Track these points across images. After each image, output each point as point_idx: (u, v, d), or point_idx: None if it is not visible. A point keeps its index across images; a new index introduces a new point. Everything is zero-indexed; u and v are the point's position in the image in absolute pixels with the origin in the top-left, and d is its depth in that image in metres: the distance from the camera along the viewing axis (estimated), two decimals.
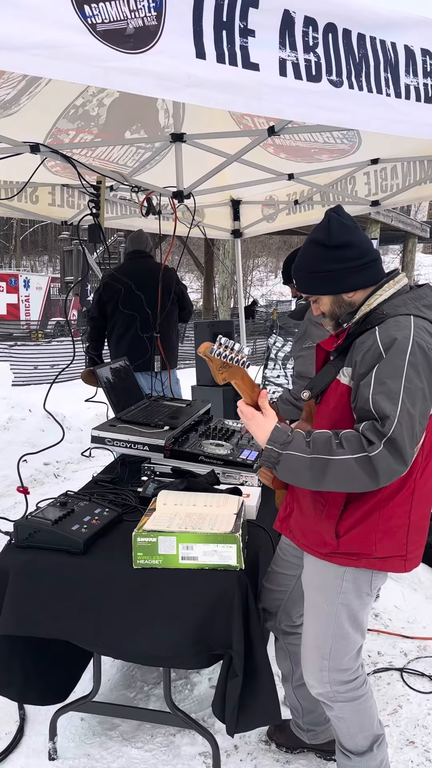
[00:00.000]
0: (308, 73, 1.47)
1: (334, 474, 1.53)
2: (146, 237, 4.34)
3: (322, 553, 1.77)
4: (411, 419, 1.52)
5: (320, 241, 1.72)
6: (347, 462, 1.51)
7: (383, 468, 1.50)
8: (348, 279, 1.71)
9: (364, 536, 1.70)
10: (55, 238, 33.54)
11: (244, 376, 1.69)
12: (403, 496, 1.70)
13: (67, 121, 3.17)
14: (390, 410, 1.51)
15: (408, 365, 1.54)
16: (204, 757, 2.18)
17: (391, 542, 1.72)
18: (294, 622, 2.07)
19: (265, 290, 36.29)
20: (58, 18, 1.23)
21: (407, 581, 3.36)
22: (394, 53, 1.61)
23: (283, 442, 1.58)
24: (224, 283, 13.07)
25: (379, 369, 1.57)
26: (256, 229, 5.38)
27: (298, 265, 1.80)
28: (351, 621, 1.78)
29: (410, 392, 1.53)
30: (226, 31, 1.37)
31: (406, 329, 1.58)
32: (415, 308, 1.64)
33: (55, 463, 5.72)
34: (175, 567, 1.87)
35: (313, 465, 1.54)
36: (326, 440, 1.55)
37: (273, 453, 1.58)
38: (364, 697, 1.86)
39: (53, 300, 23.29)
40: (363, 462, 1.50)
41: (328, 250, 1.70)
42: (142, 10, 1.28)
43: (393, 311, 1.64)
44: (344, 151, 3.68)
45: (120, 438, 2.58)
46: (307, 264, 1.76)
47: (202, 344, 1.64)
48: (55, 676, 2.15)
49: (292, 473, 1.59)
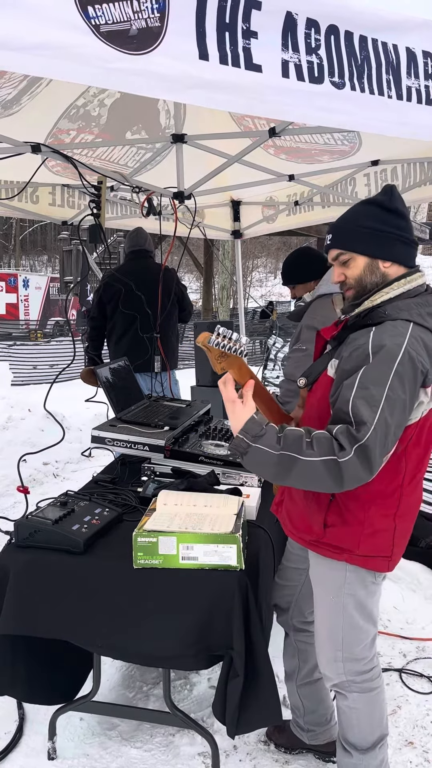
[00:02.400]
0: (310, 74, 1.47)
1: (299, 473, 1.52)
2: (145, 234, 4.34)
3: (306, 541, 1.79)
4: (387, 428, 1.51)
5: (379, 202, 1.68)
6: (314, 464, 1.50)
7: (350, 474, 1.49)
8: (394, 246, 1.67)
9: (348, 532, 1.71)
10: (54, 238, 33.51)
11: (241, 366, 1.68)
12: (390, 501, 1.71)
13: (68, 121, 3.17)
14: (368, 417, 1.49)
15: (394, 374, 1.52)
16: (203, 757, 2.18)
17: (376, 544, 1.73)
18: (306, 618, 2.07)
19: (264, 291, 36.29)
20: (61, 19, 1.23)
21: (406, 582, 3.36)
22: (395, 55, 1.61)
23: (255, 434, 1.55)
24: (224, 283, 13.08)
25: (364, 372, 1.55)
26: (256, 230, 5.39)
27: (344, 220, 1.72)
28: (359, 610, 1.79)
29: (391, 401, 1.51)
30: (229, 33, 1.37)
31: (400, 336, 1.56)
32: (418, 315, 1.61)
33: (55, 463, 5.73)
34: (176, 567, 1.87)
35: (281, 461, 1.52)
36: (297, 438, 1.53)
37: (242, 443, 1.56)
38: (378, 690, 1.87)
39: (52, 300, 23.28)
40: (330, 466, 1.49)
41: (385, 211, 1.66)
42: (146, 11, 1.28)
43: (395, 314, 1.61)
44: (345, 152, 3.69)
45: (120, 438, 2.58)
46: (357, 218, 1.69)
47: (201, 334, 1.64)
48: (60, 676, 2.16)
49: (258, 466, 1.58)
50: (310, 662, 2.11)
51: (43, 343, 14.94)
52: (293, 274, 3.14)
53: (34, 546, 1.98)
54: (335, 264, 1.75)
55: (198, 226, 4.20)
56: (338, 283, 1.76)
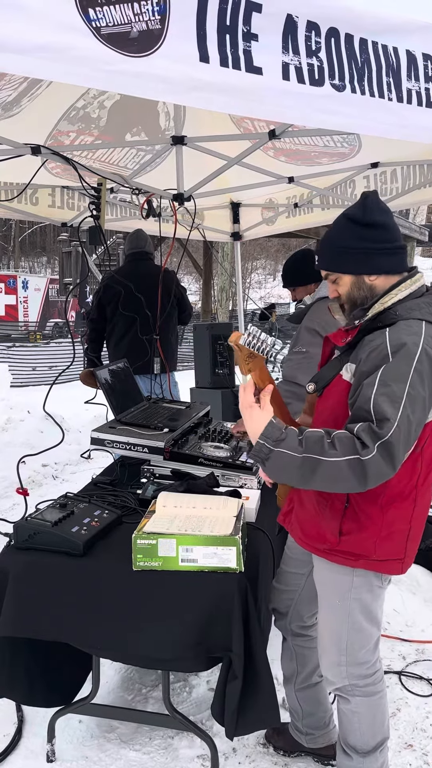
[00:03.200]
0: (311, 77, 1.47)
1: (323, 474, 1.50)
2: (145, 236, 4.34)
3: (320, 550, 1.77)
4: (409, 425, 1.51)
5: (353, 216, 1.69)
6: (338, 464, 1.49)
7: (373, 472, 1.48)
8: (374, 260, 1.67)
9: (365, 538, 1.70)
10: (53, 240, 33.54)
11: (263, 368, 1.66)
12: (407, 502, 1.70)
13: (68, 122, 3.17)
14: (391, 413, 1.49)
15: (414, 371, 1.53)
16: (202, 759, 2.18)
17: (391, 546, 1.72)
18: (305, 622, 2.07)
19: (263, 293, 36.32)
20: (62, 21, 1.23)
21: (406, 585, 3.36)
22: (395, 58, 1.62)
23: (276, 438, 1.53)
24: (223, 285, 13.08)
25: (384, 371, 1.55)
26: (256, 232, 5.40)
27: (327, 238, 1.74)
28: (365, 614, 1.79)
29: (412, 398, 1.51)
30: (230, 35, 1.37)
31: (416, 335, 1.56)
32: (429, 314, 1.63)
33: (54, 465, 5.72)
34: (175, 569, 1.87)
35: (304, 464, 1.50)
36: (318, 440, 1.52)
37: (264, 449, 1.54)
38: (381, 694, 1.87)
39: (52, 301, 23.30)
40: (354, 465, 1.48)
41: (361, 227, 1.67)
42: (146, 13, 1.28)
43: (406, 314, 1.62)
44: (344, 154, 3.69)
45: (120, 440, 2.58)
46: (336, 239, 1.71)
47: (233, 333, 1.61)
48: (59, 678, 2.15)
49: (281, 471, 1.55)
50: (308, 666, 2.10)
51: (42, 344, 14.95)
52: (294, 276, 3.14)
53: (34, 548, 1.98)
54: (328, 282, 1.79)
55: (197, 228, 4.20)
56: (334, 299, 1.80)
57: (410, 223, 15.19)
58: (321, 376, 1.81)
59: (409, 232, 14.70)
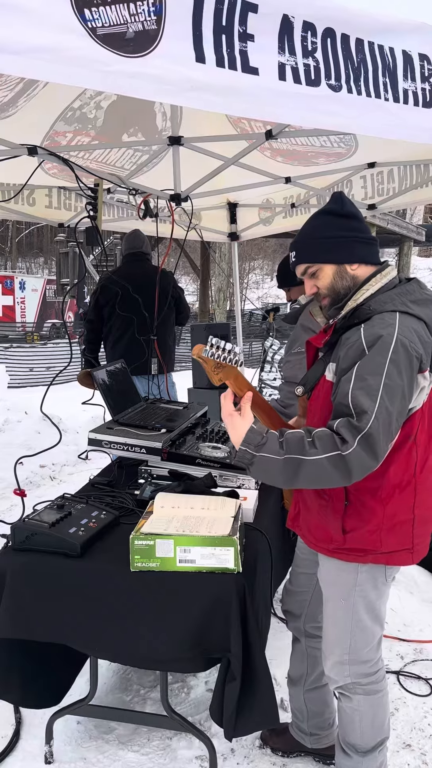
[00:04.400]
0: (307, 77, 1.48)
1: (306, 474, 1.53)
2: (143, 237, 4.34)
3: (329, 549, 1.78)
4: (388, 416, 1.52)
5: (331, 209, 1.73)
6: (319, 462, 1.51)
7: (356, 466, 1.50)
8: (355, 248, 1.71)
9: (370, 532, 1.71)
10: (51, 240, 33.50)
11: (237, 376, 1.69)
12: (407, 492, 1.71)
13: (65, 123, 3.17)
14: (368, 406, 1.51)
15: (390, 362, 1.54)
16: (201, 760, 2.18)
17: (398, 537, 1.73)
18: (318, 623, 2.06)
19: (261, 293, 36.33)
20: (58, 22, 1.23)
21: (403, 584, 3.36)
22: (392, 58, 1.62)
23: (257, 444, 1.57)
24: (220, 285, 13.07)
25: (360, 365, 1.57)
26: (253, 232, 5.39)
27: (303, 234, 1.77)
28: (369, 612, 1.79)
29: (390, 389, 1.53)
30: (226, 36, 1.37)
31: (390, 327, 1.58)
32: (402, 304, 1.64)
33: (51, 466, 5.72)
34: (173, 570, 1.87)
35: (286, 466, 1.53)
36: (299, 440, 1.54)
37: (247, 455, 1.57)
38: (382, 693, 1.88)
39: (49, 302, 23.29)
40: (335, 461, 1.50)
41: (339, 218, 1.71)
42: (142, 14, 1.28)
43: (379, 307, 1.64)
44: (341, 154, 3.69)
45: (117, 440, 2.57)
46: (315, 231, 1.75)
47: (195, 346, 1.65)
48: (51, 679, 2.14)
49: (266, 474, 1.59)
50: (319, 667, 2.09)
51: (39, 345, 14.94)
52: (288, 277, 3.14)
53: (31, 549, 1.98)
54: (305, 278, 1.80)
55: (195, 229, 4.20)
56: (311, 296, 1.81)
57: (407, 223, 15.21)
58: (308, 379, 1.84)
59: (406, 232, 14.72)
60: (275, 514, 2.44)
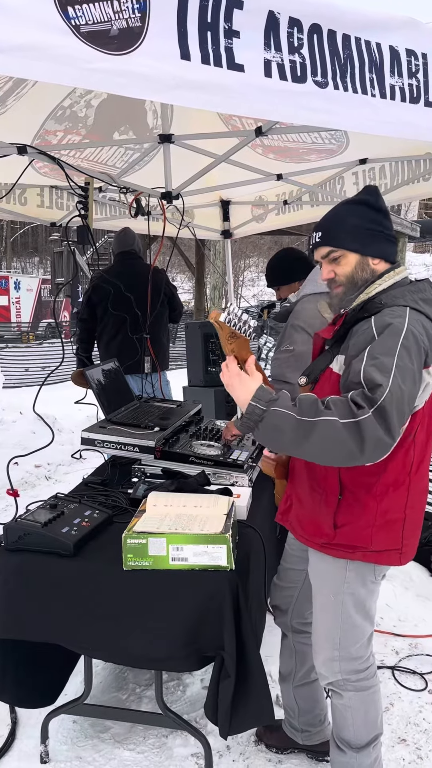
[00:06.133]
0: (293, 74, 1.47)
1: (318, 436, 1.46)
2: (133, 235, 4.32)
3: (319, 544, 1.78)
4: (402, 394, 1.49)
5: (366, 201, 1.73)
6: (333, 424, 1.45)
7: (371, 435, 1.44)
8: (382, 244, 1.73)
9: (360, 529, 1.71)
10: (45, 240, 33.43)
11: (248, 351, 1.66)
12: (400, 491, 1.71)
13: (55, 122, 3.15)
14: (382, 380, 1.48)
15: (401, 346, 1.54)
16: (196, 758, 2.18)
17: (388, 536, 1.73)
18: (305, 619, 2.07)
19: (256, 290, 36.32)
20: (41, 19, 1.22)
21: (399, 579, 3.37)
22: (378, 54, 1.62)
23: (269, 399, 1.52)
24: (215, 283, 13.07)
25: (372, 347, 1.57)
26: (246, 230, 5.39)
27: (334, 218, 1.75)
28: (358, 609, 1.80)
29: (402, 370, 1.51)
30: (211, 33, 1.37)
31: (400, 318, 1.59)
32: (413, 301, 1.66)
33: (47, 466, 5.71)
34: (166, 568, 1.87)
35: (298, 426, 1.47)
36: (312, 402, 1.50)
37: (257, 410, 1.51)
38: (374, 689, 1.88)
39: (44, 302, 23.24)
40: (350, 426, 1.44)
41: (373, 210, 1.72)
42: (126, 11, 1.28)
43: (390, 301, 1.65)
44: (332, 151, 3.69)
45: (110, 439, 2.57)
46: (347, 217, 1.73)
47: (213, 311, 1.61)
48: (45, 679, 2.15)
49: (274, 432, 1.51)
50: (307, 663, 2.10)
51: (34, 345, 14.91)
52: (277, 276, 3.14)
53: (24, 549, 1.97)
54: (324, 261, 1.76)
55: (188, 227, 4.19)
56: (327, 281, 1.77)
57: (402, 219, 15.19)
58: (312, 369, 1.82)
59: (401, 228, 14.71)
60: (269, 512, 2.44)
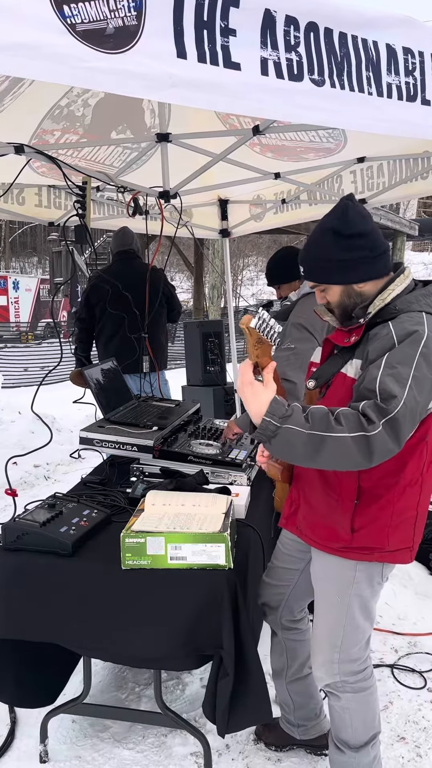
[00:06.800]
0: (290, 72, 1.47)
1: (328, 451, 1.48)
2: (131, 234, 4.32)
3: (334, 548, 1.77)
4: (415, 405, 1.53)
5: (336, 229, 1.69)
6: (344, 440, 1.48)
7: (379, 448, 1.48)
8: (361, 269, 1.70)
9: (378, 530, 1.72)
10: (44, 240, 33.38)
11: (270, 356, 1.65)
12: (414, 489, 1.72)
13: (52, 121, 3.15)
14: (397, 391, 1.50)
15: (420, 355, 1.55)
16: (195, 757, 2.18)
17: (402, 535, 1.74)
18: (295, 617, 2.08)
19: (255, 290, 36.32)
20: (37, 18, 1.22)
21: (398, 578, 3.37)
22: (375, 52, 1.61)
23: (282, 415, 1.51)
24: (214, 282, 13.04)
25: (390, 355, 1.57)
26: (244, 229, 5.38)
27: (309, 253, 1.76)
28: (362, 610, 1.80)
29: (418, 381, 1.53)
30: (207, 31, 1.36)
31: (420, 325, 1.60)
32: (427, 305, 1.66)
33: (46, 465, 5.70)
34: (164, 567, 1.87)
35: (309, 441, 1.48)
36: (323, 416, 1.51)
37: (271, 426, 1.50)
38: (371, 690, 1.88)
39: (43, 302, 23.24)
40: (360, 441, 1.48)
41: (344, 238, 1.68)
42: (122, 9, 1.27)
43: (405, 307, 1.65)
44: (330, 150, 3.68)
45: (108, 439, 2.57)
46: (320, 252, 1.73)
47: (245, 316, 1.59)
48: (45, 678, 2.15)
49: (287, 447, 1.52)
50: (299, 659, 2.11)
51: (33, 345, 14.90)
52: (277, 274, 3.15)
53: (23, 549, 1.97)
54: (316, 290, 1.81)
55: (186, 226, 4.19)
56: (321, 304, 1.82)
57: (400, 217, 15.17)
58: (321, 373, 1.82)
59: (399, 227, 14.69)
60: (267, 510, 2.44)
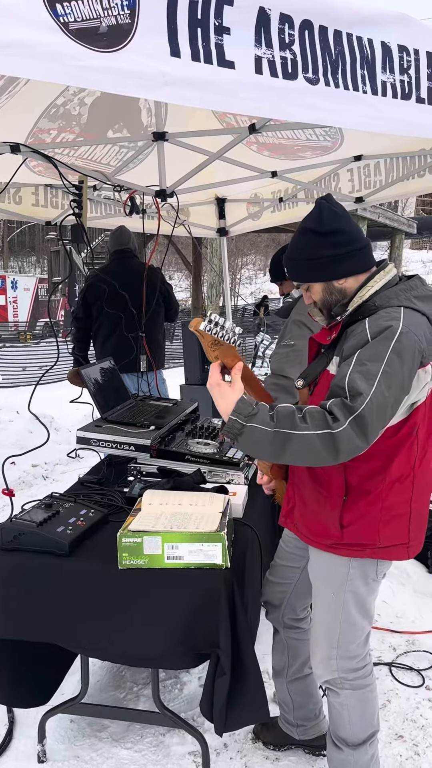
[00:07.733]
0: (284, 70, 1.46)
1: (294, 449, 1.52)
2: (129, 233, 4.32)
3: (326, 545, 1.78)
4: (384, 400, 1.53)
5: (311, 228, 1.73)
6: (309, 437, 1.50)
7: (345, 446, 1.50)
8: (339, 265, 1.72)
9: (367, 526, 1.72)
10: (42, 239, 33.34)
11: (235, 356, 1.67)
12: (404, 485, 1.72)
13: (48, 120, 3.14)
14: (364, 388, 1.51)
15: (391, 351, 1.55)
16: (194, 756, 2.18)
17: (394, 531, 1.74)
18: (297, 615, 2.08)
19: (253, 288, 36.32)
20: (29, 17, 1.21)
21: (396, 576, 3.37)
22: (370, 50, 1.61)
23: (248, 414, 1.54)
24: (213, 281, 13.02)
25: (361, 352, 1.59)
26: (242, 227, 5.38)
27: (289, 253, 1.80)
28: (359, 608, 1.80)
29: (388, 376, 1.54)
30: (201, 29, 1.36)
31: (395, 320, 1.60)
32: (407, 300, 1.66)
33: (44, 465, 5.70)
34: (161, 567, 1.87)
35: (275, 439, 1.52)
36: (289, 414, 1.54)
37: (236, 425, 1.54)
38: (370, 687, 1.88)
39: (41, 301, 23.24)
40: (325, 439, 1.50)
41: (320, 236, 1.72)
42: (115, 8, 1.27)
43: (385, 303, 1.66)
44: (327, 148, 3.68)
45: (105, 438, 2.57)
46: (299, 252, 1.77)
47: (194, 319, 1.63)
48: (40, 678, 2.15)
49: (254, 446, 1.57)
50: (300, 658, 2.11)
51: (32, 344, 14.89)
52: (280, 271, 3.14)
53: (19, 549, 1.97)
54: (302, 291, 1.85)
55: (183, 224, 4.18)
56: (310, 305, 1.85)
57: (399, 216, 15.16)
58: (309, 372, 1.85)
59: (397, 225, 14.68)
60: (265, 510, 2.44)
